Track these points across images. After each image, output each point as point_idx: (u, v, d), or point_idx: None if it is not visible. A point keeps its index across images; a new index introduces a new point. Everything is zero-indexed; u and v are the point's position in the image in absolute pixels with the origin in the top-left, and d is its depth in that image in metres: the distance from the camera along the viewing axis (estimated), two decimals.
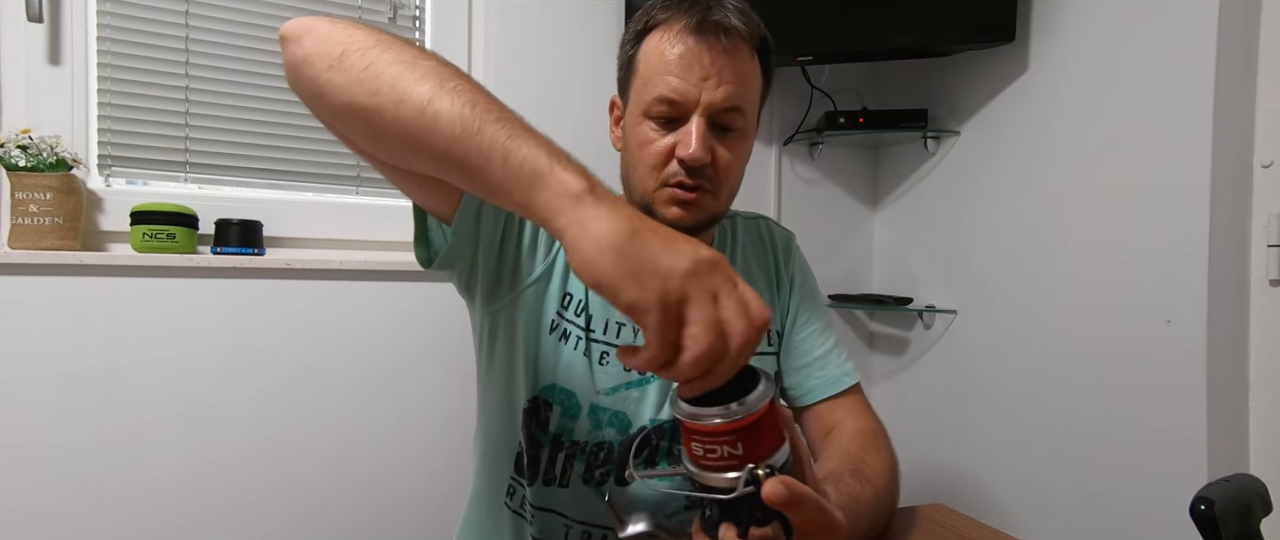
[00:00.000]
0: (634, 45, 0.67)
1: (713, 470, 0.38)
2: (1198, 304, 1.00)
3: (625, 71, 0.69)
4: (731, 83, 0.62)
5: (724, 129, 0.64)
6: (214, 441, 1.14)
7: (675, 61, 0.62)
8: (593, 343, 0.69)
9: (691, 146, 0.62)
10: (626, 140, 0.69)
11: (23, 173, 1.03)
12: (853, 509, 0.55)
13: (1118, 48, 1.12)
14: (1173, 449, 1.03)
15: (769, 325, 0.38)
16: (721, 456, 0.37)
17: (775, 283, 0.79)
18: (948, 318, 1.45)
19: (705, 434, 0.37)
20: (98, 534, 1.09)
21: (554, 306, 0.68)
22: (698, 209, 0.65)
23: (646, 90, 0.64)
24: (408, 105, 0.43)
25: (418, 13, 1.35)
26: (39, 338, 1.06)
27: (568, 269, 0.68)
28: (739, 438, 0.37)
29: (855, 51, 1.38)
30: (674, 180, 0.64)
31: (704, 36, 0.61)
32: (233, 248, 1.15)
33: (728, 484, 0.38)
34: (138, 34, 1.16)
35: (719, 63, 0.62)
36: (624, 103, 0.70)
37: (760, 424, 0.37)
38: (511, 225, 0.67)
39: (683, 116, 0.63)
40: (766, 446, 0.38)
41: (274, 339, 1.18)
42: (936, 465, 1.44)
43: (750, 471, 0.37)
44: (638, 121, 0.66)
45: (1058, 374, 1.21)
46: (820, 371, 0.75)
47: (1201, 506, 0.40)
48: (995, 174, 1.35)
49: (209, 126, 1.21)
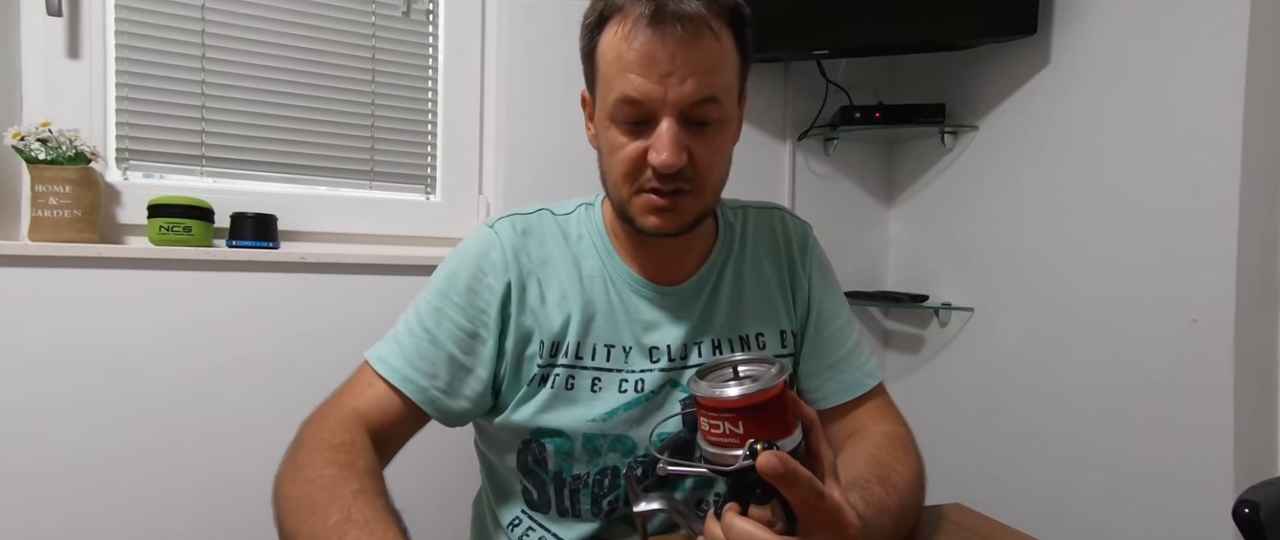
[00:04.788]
0: (591, 37, 0.61)
1: (717, 446, 0.40)
2: (1225, 302, 0.98)
3: (587, 65, 0.64)
4: (699, 73, 0.57)
5: (699, 123, 0.59)
6: (228, 432, 1.15)
7: (634, 59, 0.56)
8: (580, 371, 0.66)
9: (663, 153, 0.57)
10: (599, 142, 0.65)
11: (42, 166, 1.04)
12: (878, 518, 0.53)
13: (1143, 39, 1.09)
14: (1199, 449, 1.01)
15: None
16: (724, 433, 0.40)
17: (790, 280, 0.75)
18: (964, 315, 1.42)
19: (711, 409, 0.40)
20: (114, 522, 1.10)
21: (531, 367, 0.66)
22: (678, 214, 0.61)
23: (609, 91, 0.59)
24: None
25: (431, 7, 1.35)
26: (58, 328, 1.07)
27: (519, 326, 0.65)
28: (741, 417, 0.39)
29: (872, 45, 1.36)
30: (649, 186, 0.60)
31: (661, 27, 0.55)
32: (248, 241, 1.16)
33: (731, 460, 0.40)
34: (155, 28, 1.16)
35: (681, 55, 0.56)
36: (593, 100, 0.65)
37: (766, 407, 0.39)
38: (469, 372, 0.65)
39: (651, 118, 0.58)
40: (771, 430, 0.40)
41: (288, 331, 1.18)
42: (953, 464, 1.42)
43: (750, 446, 0.39)
44: (606, 125, 0.61)
45: (1079, 373, 1.19)
46: (840, 375, 0.72)
47: (1245, 509, 0.38)
48: (1015, 170, 1.32)
49: (225, 120, 1.22)
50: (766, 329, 0.72)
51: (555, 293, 0.67)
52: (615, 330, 0.67)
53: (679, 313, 0.69)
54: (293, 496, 0.52)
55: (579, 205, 0.73)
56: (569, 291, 0.67)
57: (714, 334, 0.70)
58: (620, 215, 0.64)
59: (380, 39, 1.31)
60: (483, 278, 0.66)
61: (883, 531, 0.54)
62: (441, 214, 1.36)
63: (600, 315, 0.67)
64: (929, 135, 1.48)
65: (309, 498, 0.51)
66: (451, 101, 1.36)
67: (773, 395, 0.39)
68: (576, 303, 0.66)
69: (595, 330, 0.67)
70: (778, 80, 1.52)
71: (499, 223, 0.69)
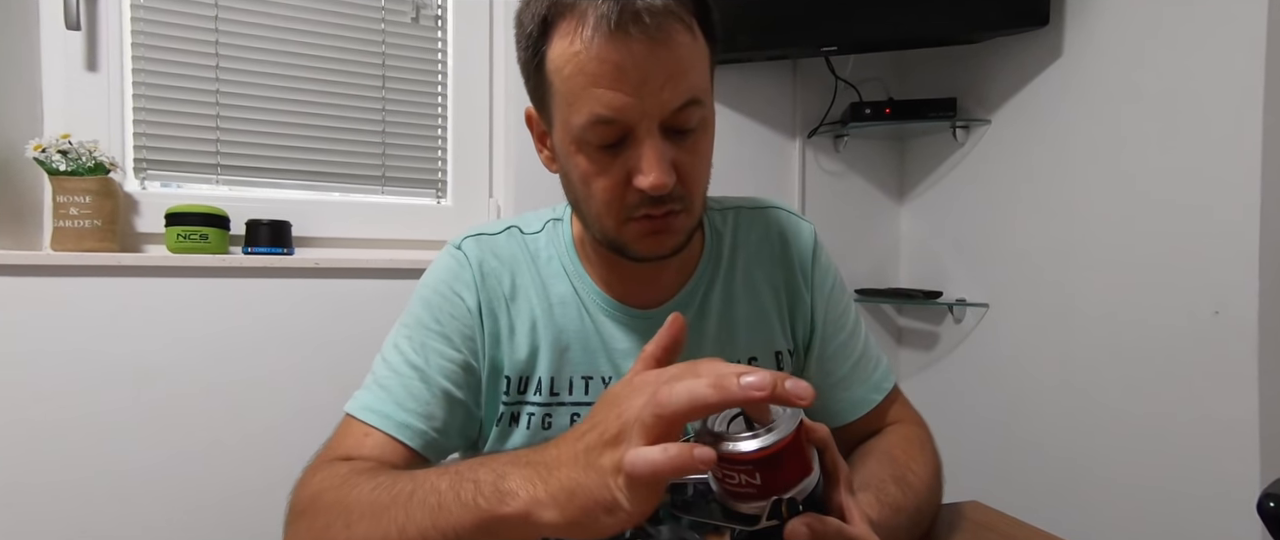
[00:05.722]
0: (536, 48, 0.51)
1: (735, 497, 0.37)
2: (1248, 294, 0.96)
3: (535, 83, 0.54)
4: (676, 76, 0.49)
5: (681, 131, 0.51)
6: (246, 436, 1.16)
7: (600, 71, 0.48)
8: (557, 408, 0.60)
9: (651, 175, 0.49)
10: (565, 169, 0.56)
11: (64, 177, 1.07)
12: (893, 520, 0.51)
13: (1159, 28, 1.08)
14: (1222, 444, 0.99)
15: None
16: (741, 484, 0.36)
17: (789, 294, 0.66)
18: (979, 311, 1.41)
19: (725, 461, 0.36)
20: (133, 524, 1.12)
21: (496, 403, 0.61)
22: (672, 235, 0.54)
23: (575, 111, 0.50)
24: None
25: (439, 12, 1.36)
26: (80, 336, 1.09)
27: (492, 356, 0.60)
28: (758, 468, 0.36)
29: (881, 40, 1.36)
30: (640, 212, 0.52)
31: (626, 30, 0.47)
32: (263, 248, 1.18)
33: (752, 511, 0.37)
34: (170, 40, 1.18)
35: (653, 59, 0.48)
36: (546, 120, 0.56)
37: (783, 455, 0.36)
38: (464, 407, 0.60)
39: (627, 134, 0.50)
40: (788, 478, 0.37)
41: (303, 336, 1.20)
42: (970, 462, 1.41)
43: (774, 504, 0.36)
44: (572, 150, 0.52)
45: (1098, 368, 1.17)
46: (845, 392, 0.66)
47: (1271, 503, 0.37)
48: (1028, 163, 1.31)
49: (238, 129, 1.23)
50: (759, 352, 0.65)
51: (524, 322, 0.61)
52: (591, 360, 0.61)
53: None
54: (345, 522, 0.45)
55: (547, 221, 0.66)
56: (539, 320, 0.61)
57: None
58: (608, 245, 0.57)
59: (390, 45, 1.32)
60: (460, 302, 0.60)
61: (899, 532, 0.52)
62: (453, 218, 1.37)
63: (574, 345, 0.61)
64: (940, 130, 1.47)
65: (365, 507, 0.44)
66: (461, 106, 1.37)
67: (790, 441, 0.36)
68: (546, 333, 0.60)
69: (571, 362, 0.61)
70: (786, 78, 1.51)
71: (465, 243, 0.63)
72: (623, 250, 0.56)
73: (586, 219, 0.57)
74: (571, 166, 0.54)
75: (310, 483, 0.50)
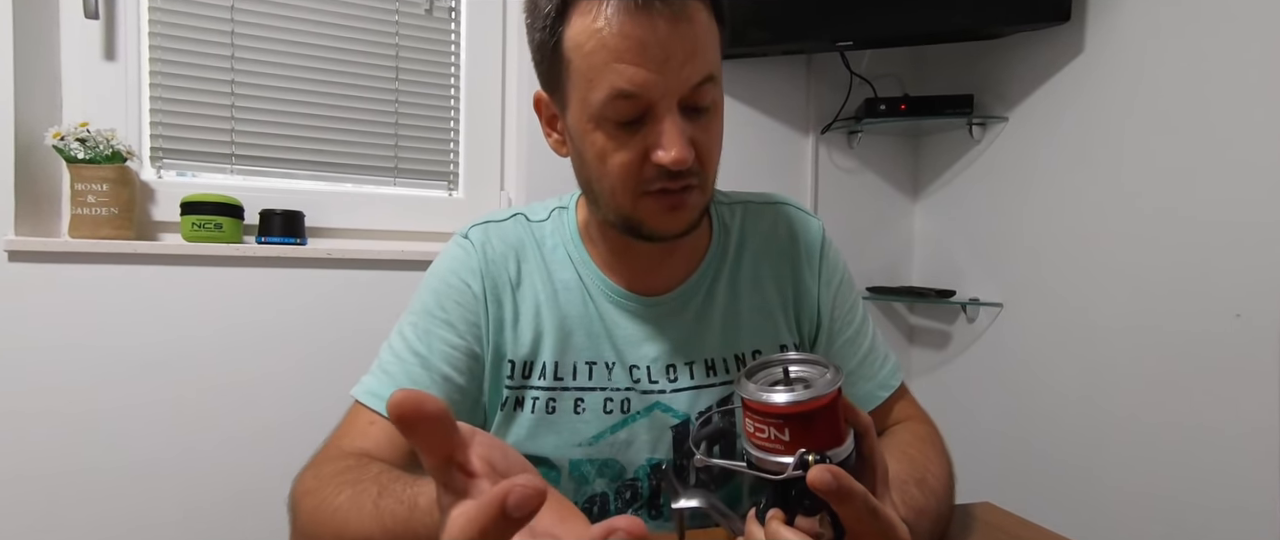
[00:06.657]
0: (552, 29, 0.52)
1: (763, 450, 0.38)
2: (1271, 298, 0.94)
3: (550, 63, 0.54)
4: (695, 53, 0.50)
5: (697, 109, 0.53)
6: (258, 423, 1.18)
7: (623, 46, 0.49)
8: (562, 393, 0.61)
9: (673, 150, 0.50)
10: (578, 149, 0.56)
11: (82, 165, 1.08)
12: (918, 524, 0.50)
13: (1182, 24, 1.05)
14: (1242, 449, 0.97)
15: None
16: (770, 438, 0.37)
17: (795, 289, 0.66)
18: (993, 311, 1.39)
19: (757, 412, 0.38)
20: (148, 508, 1.13)
21: (499, 389, 0.61)
22: (688, 209, 0.55)
23: (595, 87, 0.51)
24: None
25: (453, 5, 1.35)
26: (96, 322, 1.10)
27: (496, 341, 0.61)
28: (788, 424, 0.37)
29: (898, 35, 1.34)
30: (656, 186, 0.53)
31: (650, 10, 0.48)
32: (276, 237, 1.18)
33: (777, 467, 0.38)
34: (186, 30, 1.19)
35: (675, 36, 0.49)
36: (558, 102, 0.57)
37: (816, 416, 0.37)
38: (466, 394, 0.60)
39: (646, 111, 0.51)
40: (818, 441, 0.37)
41: (315, 326, 1.21)
42: (982, 463, 1.39)
43: (800, 456, 0.36)
44: (589, 128, 0.53)
45: (1114, 370, 1.16)
46: (851, 387, 0.65)
47: None
48: (1046, 162, 1.29)
49: (253, 119, 1.24)
50: (764, 346, 0.65)
51: (529, 307, 0.62)
52: (596, 346, 0.62)
53: (663, 326, 0.63)
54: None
55: (553, 209, 0.67)
56: (543, 305, 0.62)
57: (707, 353, 0.63)
58: (621, 225, 0.57)
59: (403, 37, 1.32)
60: (466, 289, 0.61)
61: (921, 537, 0.50)
62: (465, 210, 1.37)
63: (578, 331, 0.62)
64: (956, 127, 1.45)
65: (337, 524, 0.47)
66: (474, 98, 1.37)
67: (824, 404, 0.37)
68: (551, 318, 0.61)
69: (575, 347, 0.61)
70: (800, 72, 1.50)
71: (472, 231, 0.64)
72: (637, 229, 0.56)
73: (599, 198, 0.57)
74: (587, 145, 0.54)
75: (304, 481, 0.53)
